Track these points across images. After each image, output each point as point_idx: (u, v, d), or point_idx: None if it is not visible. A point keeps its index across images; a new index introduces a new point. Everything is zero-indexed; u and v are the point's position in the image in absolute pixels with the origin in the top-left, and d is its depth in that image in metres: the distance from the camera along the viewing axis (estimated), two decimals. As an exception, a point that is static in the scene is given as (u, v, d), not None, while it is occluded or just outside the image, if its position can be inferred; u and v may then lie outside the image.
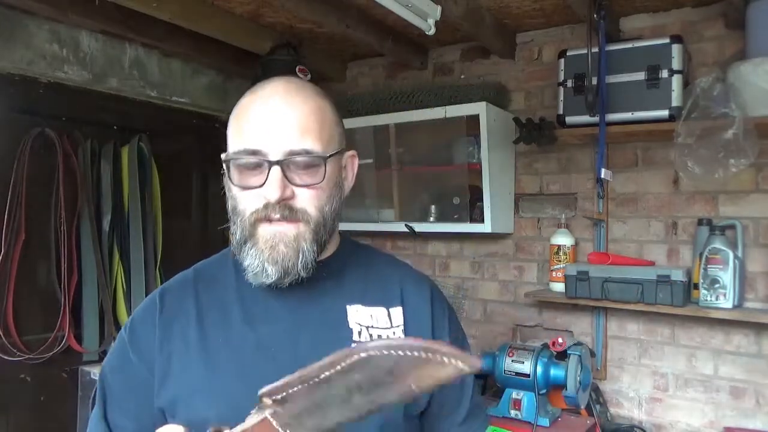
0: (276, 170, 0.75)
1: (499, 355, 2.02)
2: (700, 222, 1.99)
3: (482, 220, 2.27)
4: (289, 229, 0.78)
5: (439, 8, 1.91)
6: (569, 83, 2.08)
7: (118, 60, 2.34)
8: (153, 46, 2.41)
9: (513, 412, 1.94)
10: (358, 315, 0.86)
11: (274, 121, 0.77)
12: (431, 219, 2.45)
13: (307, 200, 0.79)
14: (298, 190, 0.78)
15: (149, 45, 2.40)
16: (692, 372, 2.05)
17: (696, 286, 1.90)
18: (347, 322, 0.85)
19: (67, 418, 2.15)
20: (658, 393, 2.11)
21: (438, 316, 0.91)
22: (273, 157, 0.76)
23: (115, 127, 2.33)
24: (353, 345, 0.83)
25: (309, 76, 2.41)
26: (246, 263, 0.80)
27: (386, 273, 0.93)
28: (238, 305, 0.85)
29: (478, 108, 2.20)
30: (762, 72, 1.73)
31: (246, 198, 0.79)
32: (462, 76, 2.58)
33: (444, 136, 2.40)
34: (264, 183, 0.76)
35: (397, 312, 0.88)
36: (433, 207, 2.45)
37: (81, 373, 2.18)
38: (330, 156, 0.80)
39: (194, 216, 2.71)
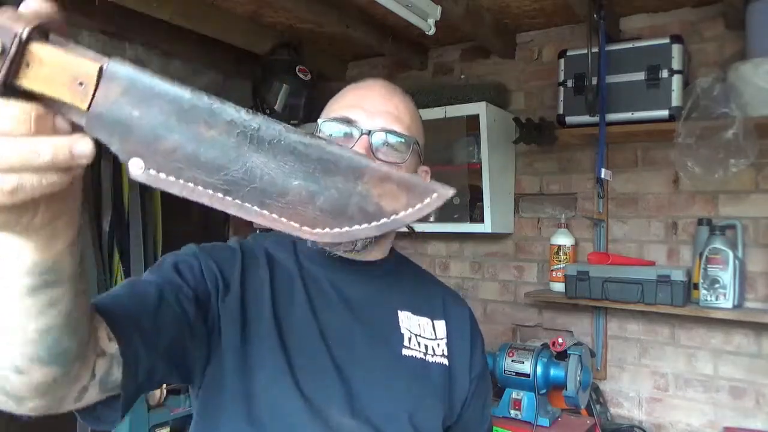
0: (364, 139, 0.79)
1: (499, 355, 2.02)
2: (700, 222, 1.99)
3: (482, 220, 2.27)
4: None
5: (439, 8, 1.91)
6: (569, 83, 2.08)
7: (118, 60, 2.34)
8: (153, 46, 2.41)
9: (513, 412, 1.94)
10: (409, 322, 0.87)
11: (372, 101, 0.83)
12: (431, 219, 2.44)
13: None
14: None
15: (149, 45, 2.40)
16: (692, 372, 2.05)
17: (696, 286, 1.89)
18: (399, 326, 0.86)
19: (67, 419, 2.14)
20: (658, 393, 2.11)
21: (475, 340, 0.94)
22: (364, 128, 0.80)
23: (115, 127, 2.33)
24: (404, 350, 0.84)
25: (309, 76, 2.41)
26: None
27: (430, 287, 0.96)
28: (302, 289, 0.83)
29: (478, 108, 2.20)
30: (762, 72, 1.73)
31: None
32: (462, 76, 2.58)
33: (444, 136, 2.40)
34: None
35: (441, 325, 0.90)
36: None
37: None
38: (415, 142, 0.84)
39: (194, 216, 2.70)
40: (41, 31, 0.35)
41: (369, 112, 0.81)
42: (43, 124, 0.35)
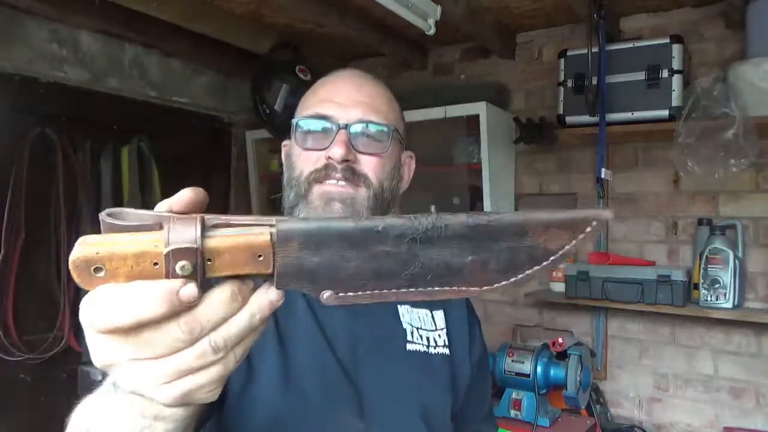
0: (343, 133, 0.78)
1: (499, 355, 2.02)
2: (700, 222, 1.99)
3: (482, 220, 2.26)
4: (347, 190, 0.78)
5: (439, 8, 1.91)
6: (569, 83, 2.08)
7: (118, 60, 2.34)
8: (153, 46, 2.41)
9: (513, 412, 1.94)
10: (410, 315, 0.86)
11: (345, 93, 0.81)
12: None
13: (369, 166, 0.80)
14: (361, 157, 0.79)
15: (149, 45, 2.40)
16: (692, 372, 2.05)
17: (696, 286, 1.90)
18: (401, 322, 0.85)
19: (67, 419, 2.15)
20: (658, 393, 2.11)
21: (473, 325, 0.93)
22: (341, 122, 0.79)
23: (115, 127, 2.33)
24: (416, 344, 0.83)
25: (309, 75, 2.41)
26: None
27: None
28: (301, 294, 0.78)
29: (478, 108, 2.20)
30: (762, 72, 1.73)
31: (306, 160, 0.80)
32: (462, 76, 2.58)
33: (444, 136, 2.40)
34: (329, 146, 0.78)
35: (440, 315, 0.89)
36: (433, 207, 2.45)
37: (81, 373, 2.18)
38: (395, 130, 0.82)
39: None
40: (203, 223, 0.38)
41: (343, 106, 0.80)
42: (245, 292, 0.40)
